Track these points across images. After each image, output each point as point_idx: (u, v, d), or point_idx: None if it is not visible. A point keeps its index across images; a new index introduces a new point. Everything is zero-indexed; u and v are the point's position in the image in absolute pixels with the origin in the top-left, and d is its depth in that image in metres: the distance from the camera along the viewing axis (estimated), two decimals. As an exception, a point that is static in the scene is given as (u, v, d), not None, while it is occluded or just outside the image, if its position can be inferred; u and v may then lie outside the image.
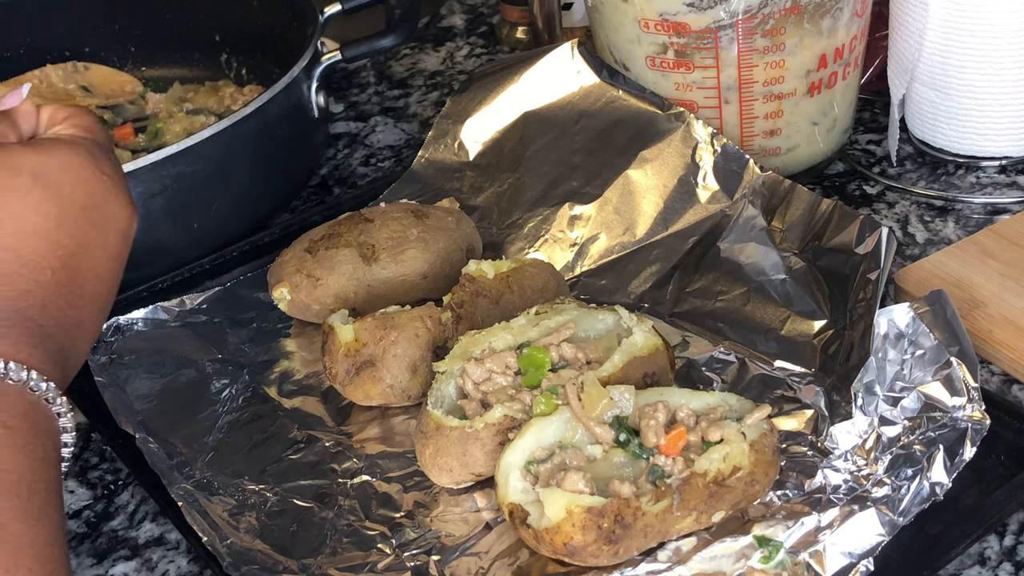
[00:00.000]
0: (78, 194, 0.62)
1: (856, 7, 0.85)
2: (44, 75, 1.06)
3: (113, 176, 0.64)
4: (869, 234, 0.74)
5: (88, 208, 0.62)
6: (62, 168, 0.62)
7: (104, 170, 0.63)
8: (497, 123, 0.90)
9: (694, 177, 0.83)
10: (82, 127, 0.66)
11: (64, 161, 0.62)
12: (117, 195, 0.64)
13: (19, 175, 0.61)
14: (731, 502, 0.60)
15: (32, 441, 0.55)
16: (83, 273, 0.61)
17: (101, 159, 0.64)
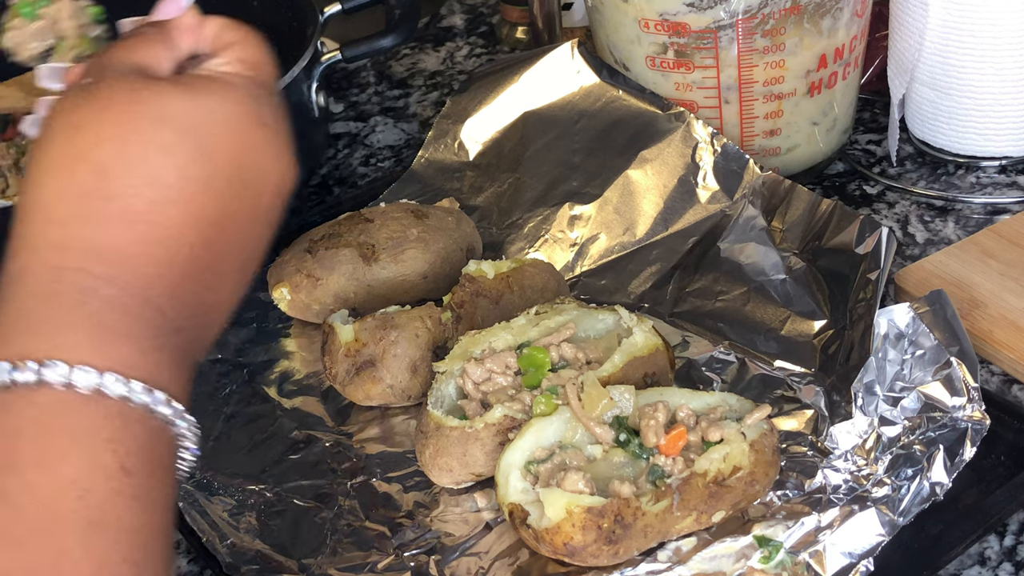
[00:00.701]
0: (232, 151, 0.51)
1: (856, 7, 0.85)
2: (44, 74, 1.06)
3: (273, 125, 0.53)
4: (869, 234, 0.74)
5: (242, 168, 0.52)
6: (216, 119, 0.51)
7: (264, 118, 0.53)
8: (497, 123, 0.90)
9: (694, 177, 0.83)
10: (248, 62, 0.55)
11: (220, 110, 0.51)
12: (275, 148, 0.53)
13: (164, 126, 0.50)
14: (731, 502, 0.60)
15: (152, 487, 0.46)
16: (227, 246, 0.52)
17: (263, 104, 0.53)
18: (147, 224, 0.49)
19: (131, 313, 0.48)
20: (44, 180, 0.50)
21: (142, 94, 0.51)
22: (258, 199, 0.53)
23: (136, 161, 0.49)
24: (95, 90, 0.51)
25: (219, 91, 0.52)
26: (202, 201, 0.50)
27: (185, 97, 0.51)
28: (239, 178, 0.52)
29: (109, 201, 0.49)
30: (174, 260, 0.49)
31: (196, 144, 0.50)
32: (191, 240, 0.50)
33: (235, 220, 0.52)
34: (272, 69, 0.56)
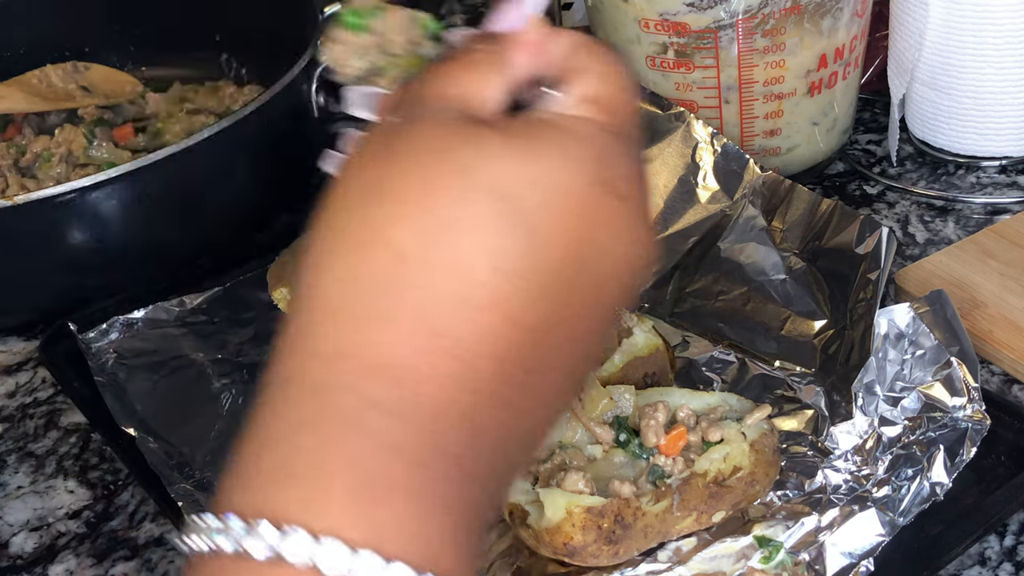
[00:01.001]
0: (569, 233, 0.38)
1: (856, 7, 0.85)
2: (44, 75, 1.06)
3: (630, 196, 0.40)
4: (869, 234, 0.73)
5: (580, 255, 0.38)
6: (553, 187, 0.38)
7: (619, 187, 0.39)
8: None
9: (694, 177, 0.83)
10: (603, 101, 0.41)
11: (559, 175, 0.38)
12: (629, 226, 0.40)
13: (480, 197, 0.37)
14: (731, 502, 0.60)
15: None
16: (549, 358, 0.39)
17: (618, 165, 0.40)
18: (446, 336, 0.37)
19: (413, 459, 0.36)
20: (325, 259, 0.39)
21: (458, 150, 0.38)
22: (597, 293, 0.40)
23: (440, 245, 0.37)
24: (401, 136, 0.40)
25: (560, 147, 0.39)
26: (522, 303, 0.37)
27: (514, 156, 0.38)
28: (575, 268, 0.39)
29: (400, 299, 0.37)
30: (479, 384, 0.37)
31: (521, 223, 0.37)
32: (503, 355, 0.37)
33: (564, 323, 0.39)
34: (634, 110, 0.42)
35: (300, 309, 0.39)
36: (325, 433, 0.36)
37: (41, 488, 0.73)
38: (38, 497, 0.72)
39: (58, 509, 0.71)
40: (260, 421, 0.38)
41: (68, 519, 0.71)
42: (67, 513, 0.71)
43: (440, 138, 0.39)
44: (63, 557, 0.68)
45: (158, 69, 1.10)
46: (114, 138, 1.00)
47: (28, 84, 1.05)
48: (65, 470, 0.74)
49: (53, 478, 0.74)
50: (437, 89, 0.41)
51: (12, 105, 1.03)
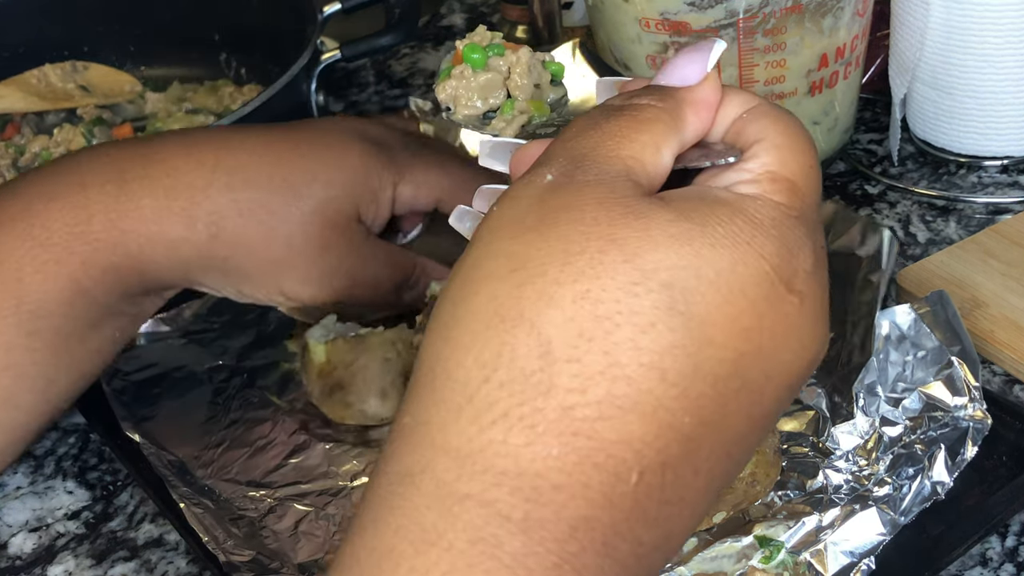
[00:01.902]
0: (734, 332, 0.35)
1: (857, 6, 0.84)
2: (43, 75, 1.06)
3: (808, 294, 0.36)
4: (871, 236, 0.73)
5: (744, 357, 0.35)
6: (723, 281, 0.34)
7: (796, 285, 0.36)
8: (497, 123, 0.89)
9: (695, 177, 0.82)
10: (784, 180, 0.37)
11: (732, 266, 0.34)
12: (803, 326, 0.36)
13: (638, 288, 0.34)
14: (732, 503, 0.60)
15: None
16: (696, 466, 0.35)
17: (797, 258, 0.36)
18: (588, 438, 0.34)
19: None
20: (458, 335, 0.35)
21: (626, 232, 0.34)
22: (759, 399, 0.36)
23: (593, 341, 0.34)
24: (560, 202, 0.35)
25: (736, 235, 0.35)
26: (675, 408, 0.34)
27: (684, 242, 0.34)
28: (737, 372, 0.35)
29: (545, 398, 0.34)
30: (616, 497, 0.34)
31: (686, 320, 0.34)
32: (647, 463, 0.34)
33: (717, 432, 0.35)
34: (818, 189, 0.38)
35: (426, 389, 0.36)
36: (455, 556, 0.33)
37: (40, 489, 0.73)
38: (37, 498, 0.72)
39: (57, 510, 0.71)
40: (376, 520, 0.35)
41: (67, 520, 0.71)
42: (66, 514, 0.71)
43: (608, 213, 0.35)
44: (62, 558, 0.68)
45: (157, 69, 1.10)
46: (113, 138, 1.00)
47: (27, 84, 1.05)
48: (64, 471, 0.74)
49: (52, 479, 0.74)
50: (605, 149, 0.37)
51: (11, 105, 1.03)
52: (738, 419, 0.36)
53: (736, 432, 0.36)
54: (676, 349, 0.34)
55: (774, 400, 0.37)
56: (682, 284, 0.34)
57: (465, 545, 0.33)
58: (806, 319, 0.36)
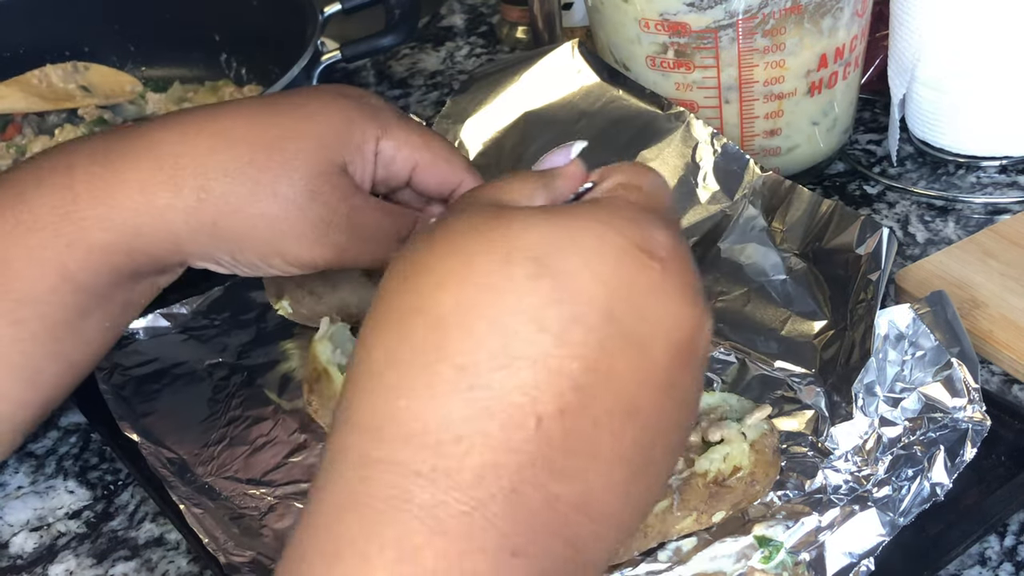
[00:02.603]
0: (604, 292, 0.40)
1: (857, 7, 0.85)
2: (44, 75, 1.06)
3: (669, 260, 0.41)
4: (870, 235, 0.73)
5: (616, 317, 0.40)
6: (586, 249, 0.40)
7: (655, 252, 0.41)
8: (497, 123, 0.89)
9: (694, 177, 0.83)
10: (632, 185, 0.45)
11: (592, 237, 0.40)
12: (672, 290, 0.41)
13: (515, 261, 0.40)
14: (731, 502, 0.60)
15: None
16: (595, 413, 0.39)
17: (650, 230, 0.42)
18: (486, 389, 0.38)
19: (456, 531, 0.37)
20: (369, 332, 0.42)
21: (498, 225, 0.41)
22: (642, 356, 0.40)
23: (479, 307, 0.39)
24: (448, 223, 0.43)
25: (593, 214, 0.42)
26: (559, 353, 0.39)
27: (550, 224, 0.41)
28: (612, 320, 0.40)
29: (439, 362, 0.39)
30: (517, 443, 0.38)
31: (556, 278, 0.39)
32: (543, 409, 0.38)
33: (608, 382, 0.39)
34: (667, 196, 0.46)
35: (347, 384, 0.41)
36: (368, 515, 0.37)
37: (41, 488, 0.73)
38: (38, 497, 0.72)
39: (58, 509, 0.71)
40: (315, 499, 0.39)
41: (68, 519, 0.71)
42: (67, 513, 0.71)
43: (482, 219, 0.42)
44: (63, 557, 0.68)
45: (158, 69, 1.10)
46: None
47: (28, 84, 1.05)
48: (65, 470, 0.74)
49: (53, 478, 0.74)
50: (486, 191, 0.45)
51: (12, 105, 1.03)
52: (629, 375, 0.40)
53: (631, 391, 0.40)
54: (550, 304, 0.39)
55: (666, 366, 0.40)
56: (554, 255, 0.40)
57: (379, 503, 0.38)
58: (671, 283, 0.41)
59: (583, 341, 0.39)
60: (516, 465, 0.38)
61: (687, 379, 0.42)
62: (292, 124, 0.63)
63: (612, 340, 0.39)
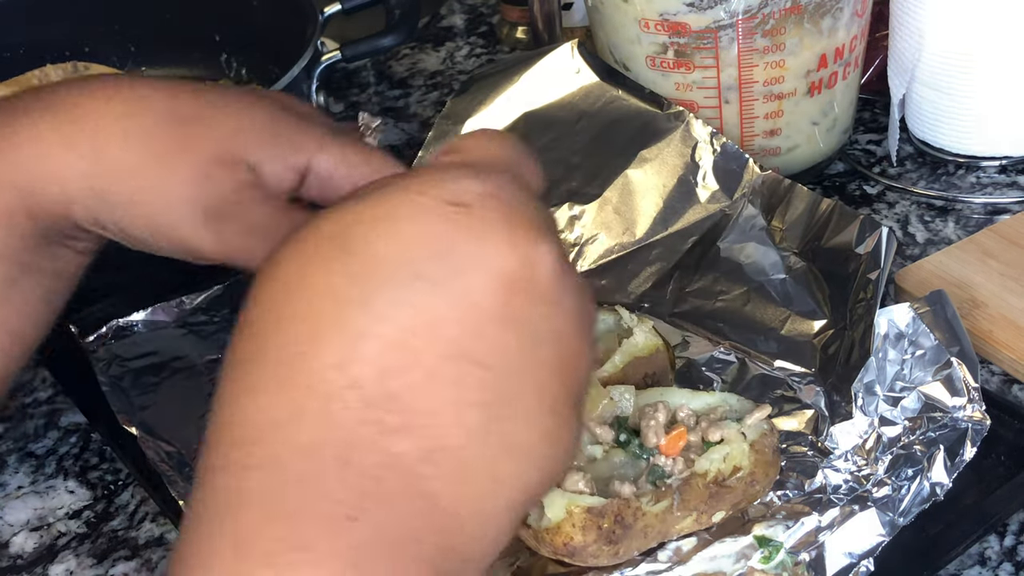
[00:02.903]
0: (404, 253, 0.41)
1: (856, 7, 0.85)
2: (44, 75, 1.06)
3: (485, 207, 0.42)
4: (869, 234, 0.74)
5: (424, 270, 0.41)
6: (393, 218, 0.41)
7: (466, 200, 0.42)
8: (497, 123, 0.89)
9: (694, 176, 0.83)
10: (456, 149, 0.46)
11: (400, 207, 0.41)
12: (483, 231, 0.42)
13: (322, 245, 0.42)
14: (731, 502, 0.60)
15: None
16: (425, 373, 0.40)
17: (455, 183, 0.42)
18: (299, 370, 0.40)
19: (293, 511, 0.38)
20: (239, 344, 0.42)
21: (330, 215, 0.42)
22: (467, 301, 0.40)
23: (287, 298, 0.41)
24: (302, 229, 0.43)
25: (398, 186, 0.42)
26: (369, 329, 0.40)
27: (360, 204, 0.42)
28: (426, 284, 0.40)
29: (258, 367, 0.41)
30: (336, 412, 0.39)
31: (354, 257, 0.41)
32: (358, 375, 0.39)
33: (435, 335, 0.40)
34: (496, 149, 0.46)
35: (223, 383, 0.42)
36: (211, 519, 0.39)
37: (41, 488, 0.73)
38: (38, 497, 0.72)
39: (58, 509, 0.71)
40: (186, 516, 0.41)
41: (68, 519, 0.71)
42: (67, 513, 0.71)
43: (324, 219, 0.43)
44: (63, 557, 0.68)
45: (158, 69, 1.10)
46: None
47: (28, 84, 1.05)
48: (65, 470, 0.74)
49: (53, 478, 0.74)
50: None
51: (12, 105, 1.03)
52: (455, 321, 0.40)
53: (462, 336, 0.40)
54: (353, 280, 0.40)
55: (496, 303, 0.40)
56: (355, 234, 0.41)
57: (215, 492, 0.39)
58: (483, 224, 0.41)
59: (392, 302, 0.40)
60: (342, 437, 0.39)
61: (533, 312, 0.41)
62: (210, 111, 0.61)
63: (424, 295, 0.40)
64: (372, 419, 0.39)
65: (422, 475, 0.39)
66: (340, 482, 0.38)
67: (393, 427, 0.39)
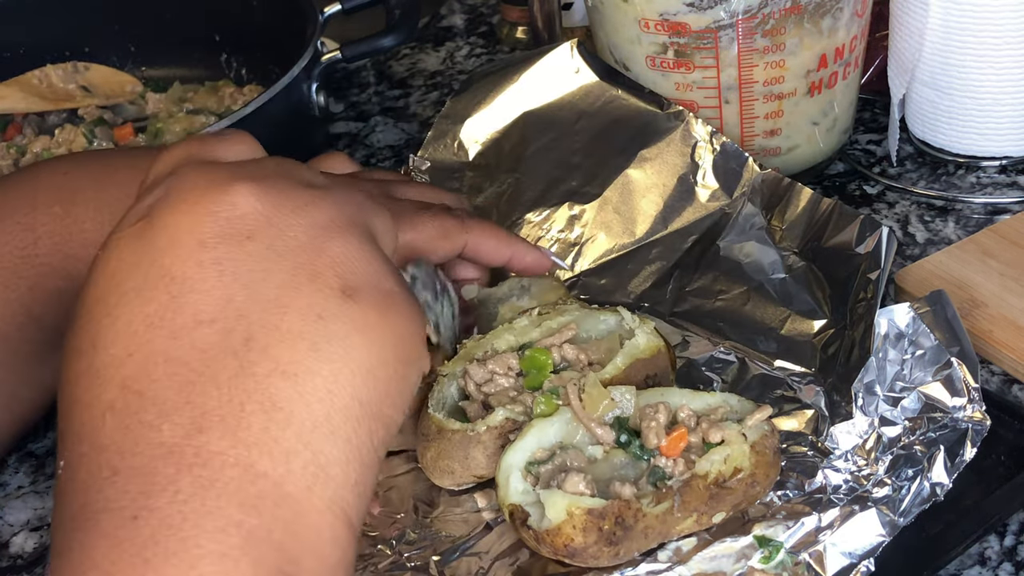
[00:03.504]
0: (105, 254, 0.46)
1: (856, 7, 0.85)
2: (44, 75, 1.06)
3: (148, 187, 0.48)
4: (869, 234, 0.74)
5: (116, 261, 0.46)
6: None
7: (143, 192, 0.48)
8: (497, 123, 0.90)
9: (693, 176, 0.83)
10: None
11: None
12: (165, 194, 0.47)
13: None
14: (732, 503, 0.60)
15: None
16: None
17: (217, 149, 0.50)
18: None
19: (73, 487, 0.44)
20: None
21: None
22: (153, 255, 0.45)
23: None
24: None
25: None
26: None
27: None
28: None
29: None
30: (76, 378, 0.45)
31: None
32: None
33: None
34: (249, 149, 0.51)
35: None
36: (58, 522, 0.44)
37: (41, 488, 0.73)
38: (38, 497, 0.72)
39: (58, 509, 0.71)
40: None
41: (68, 519, 0.71)
42: (67, 513, 0.71)
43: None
44: (64, 557, 0.68)
45: (158, 69, 1.10)
46: (114, 138, 1.00)
47: (28, 84, 1.05)
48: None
49: (53, 478, 0.74)
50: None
51: (12, 105, 1.03)
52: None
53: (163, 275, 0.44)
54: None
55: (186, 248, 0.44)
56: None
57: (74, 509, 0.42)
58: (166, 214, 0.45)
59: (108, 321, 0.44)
60: (107, 450, 0.42)
61: (230, 253, 0.44)
62: None
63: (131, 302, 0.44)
64: (131, 425, 0.42)
65: (195, 446, 0.42)
66: (116, 492, 0.41)
67: (150, 421, 0.42)
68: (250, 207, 0.45)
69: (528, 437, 0.61)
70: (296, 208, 0.46)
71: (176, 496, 0.41)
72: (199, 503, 0.41)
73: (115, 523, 0.40)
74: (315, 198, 0.46)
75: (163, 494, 0.41)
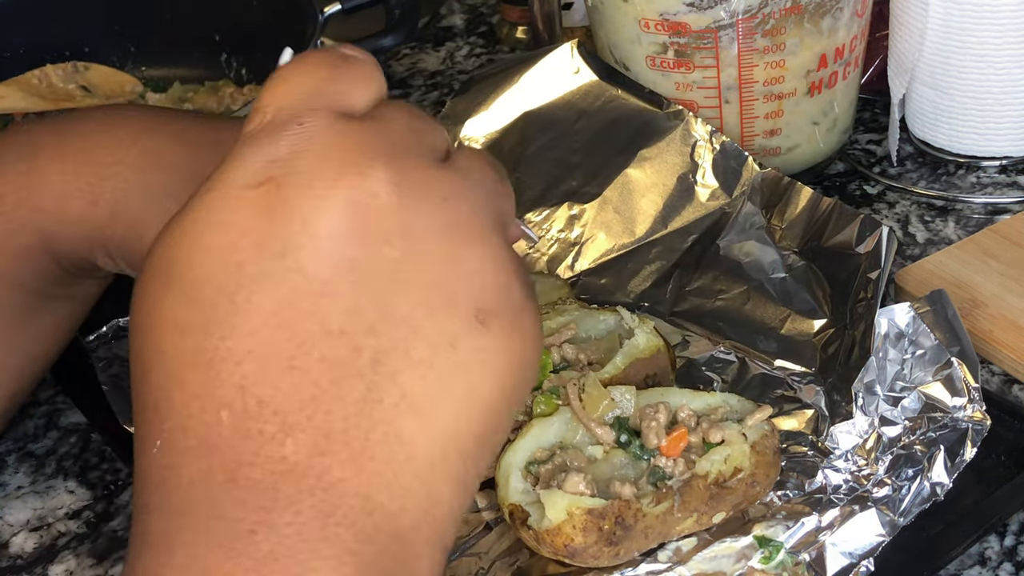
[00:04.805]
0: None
1: (856, 7, 0.85)
2: (44, 75, 1.06)
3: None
4: (869, 233, 0.73)
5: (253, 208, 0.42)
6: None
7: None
8: (497, 123, 0.90)
9: (693, 175, 0.83)
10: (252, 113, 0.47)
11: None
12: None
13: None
14: (732, 503, 0.60)
15: None
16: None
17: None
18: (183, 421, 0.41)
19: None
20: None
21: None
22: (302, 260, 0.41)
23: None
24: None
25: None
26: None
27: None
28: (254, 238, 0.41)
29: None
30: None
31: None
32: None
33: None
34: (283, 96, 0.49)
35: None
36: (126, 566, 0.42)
37: (41, 488, 0.73)
38: (38, 497, 0.72)
39: (58, 509, 0.71)
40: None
41: (68, 519, 0.71)
42: (67, 513, 0.71)
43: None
44: (63, 557, 0.68)
45: (158, 69, 1.10)
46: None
47: (28, 84, 1.05)
48: (65, 470, 0.74)
49: (53, 478, 0.74)
50: None
51: (12, 105, 1.03)
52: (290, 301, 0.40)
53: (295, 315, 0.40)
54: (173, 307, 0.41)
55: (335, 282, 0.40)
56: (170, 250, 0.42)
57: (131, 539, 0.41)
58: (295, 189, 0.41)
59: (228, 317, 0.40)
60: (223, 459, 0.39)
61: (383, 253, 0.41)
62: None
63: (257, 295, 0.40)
64: (251, 432, 0.39)
65: (317, 468, 0.39)
66: (232, 501, 0.39)
67: (272, 433, 0.39)
68: (389, 199, 0.41)
69: (528, 437, 0.61)
70: (433, 207, 0.42)
71: (297, 517, 0.39)
72: (318, 527, 0.39)
73: (231, 534, 0.39)
74: (451, 189, 0.42)
75: (284, 513, 0.39)
